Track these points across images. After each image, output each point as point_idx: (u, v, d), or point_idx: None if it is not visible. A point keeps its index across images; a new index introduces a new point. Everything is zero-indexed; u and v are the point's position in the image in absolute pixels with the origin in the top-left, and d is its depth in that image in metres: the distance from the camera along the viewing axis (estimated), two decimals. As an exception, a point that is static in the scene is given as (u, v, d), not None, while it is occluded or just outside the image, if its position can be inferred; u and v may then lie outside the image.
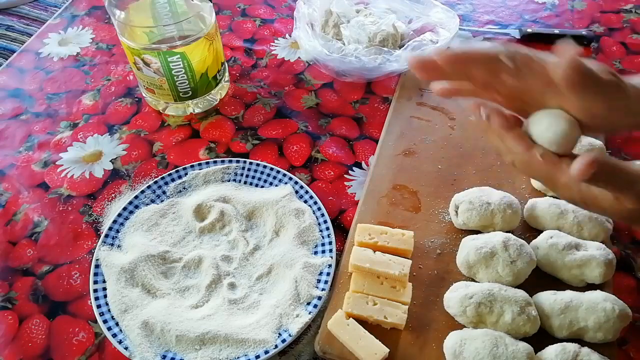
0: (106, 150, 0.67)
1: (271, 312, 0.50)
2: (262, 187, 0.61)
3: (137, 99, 0.74)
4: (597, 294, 0.49)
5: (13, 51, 1.26)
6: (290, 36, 0.83)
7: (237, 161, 0.63)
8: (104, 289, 0.52)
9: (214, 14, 0.66)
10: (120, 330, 0.49)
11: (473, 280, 0.52)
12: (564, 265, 0.51)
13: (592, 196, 0.36)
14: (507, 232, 0.53)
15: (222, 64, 0.71)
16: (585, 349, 0.45)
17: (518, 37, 0.82)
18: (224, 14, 0.87)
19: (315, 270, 0.53)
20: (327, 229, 0.57)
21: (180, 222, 0.58)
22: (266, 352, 0.48)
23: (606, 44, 0.81)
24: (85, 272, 0.55)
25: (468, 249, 0.52)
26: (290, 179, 0.61)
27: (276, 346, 0.48)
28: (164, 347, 0.48)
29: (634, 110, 0.37)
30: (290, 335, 0.49)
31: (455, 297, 0.49)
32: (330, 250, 0.55)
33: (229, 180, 0.62)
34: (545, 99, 0.37)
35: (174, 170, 0.62)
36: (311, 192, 0.60)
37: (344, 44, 0.73)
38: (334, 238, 0.56)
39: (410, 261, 0.52)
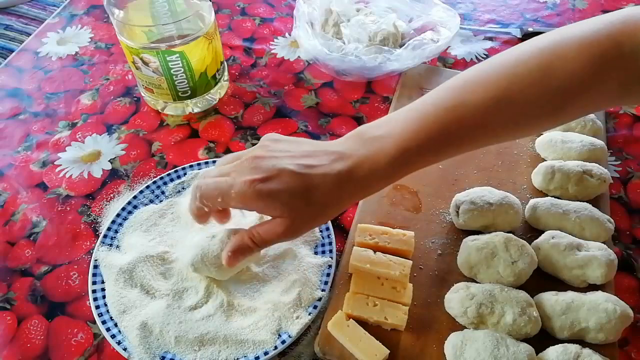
0: (105, 150, 0.67)
1: (270, 313, 0.50)
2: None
3: (135, 99, 0.73)
4: (599, 295, 0.48)
5: (12, 50, 1.25)
6: (290, 35, 0.83)
7: (237, 161, 0.63)
8: (103, 289, 0.52)
9: (213, 13, 0.65)
10: (119, 331, 0.49)
11: (474, 280, 0.52)
12: (566, 266, 0.51)
13: None
14: (508, 232, 0.53)
15: (222, 63, 0.70)
16: (587, 350, 0.45)
17: (519, 36, 0.81)
18: (223, 12, 0.87)
19: (316, 271, 0.53)
20: (327, 229, 0.56)
21: (179, 222, 0.58)
22: (266, 353, 0.47)
23: (607, 43, 0.81)
24: (84, 272, 0.55)
25: (469, 249, 0.52)
26: (290, 178, 0.61)
27: (276, 347, 0.48)
28: (162, 348, 0.48)
29: None
30: (290, 336, 0.48)
31: (456, 298, 0.49)
32: (331, 251, 0.54)
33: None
34: None
35: (172, 170, 0.62)
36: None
37: (344, 43, 0.72)
38: (334, 238, 0.55)
39: (410, 262, 0.51)
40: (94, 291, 0.51)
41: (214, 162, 0.62)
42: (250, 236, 0.44)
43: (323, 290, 0.51)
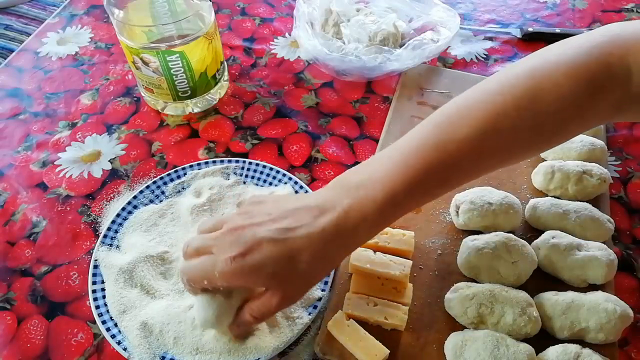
0: (105, 150, 0.67)
1: (271, 313, 0.50)
2: (262, 187, 0.61)
3: (135, 99, 0.73)
4: (599, 295, 0.48)
5: (12, 50, 1.25)
6: (290, 35, 0.83)
7: (237, 161, 0.63)
8: (103, 289, 0.52)
9: (213, 12, 0.65)
10: (119, 331, 0.49)
11: (474, 280, 0.52)
12: (566, 266, 0.51)
13: None
14: (508, 232, 0.53)
15: (222, 63, 0.70)
16: (587, 350, 0.45)
17: (519, 36, 0.81)
18: (223, 12, 0.87)
19: (315, 270, 0.53)
20: (327, 229, 0.56)
21: (179, 222, 0.58)
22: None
23: (607, 43, 0.80)
24: (84, 272, 0.55)
25: (469, 249, 0.52)
26: (290, 179, 0.61)
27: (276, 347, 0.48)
28: (162, 348, 0.48)
29: None
30: (290, 336, 0.48)
31: (456, 298, 0.49)
32: (330, 251, 0.54)
33: (228, 180, 0.61)
34: None
35: (172, 170, 0.62)
36: (311, 192, 0.59)
37: (344, 43, 0.72)
38: (334, 238, 0.55)
39: (410, 262, 0.51)
40: (94, 291, 0.51)
41: (214, 162, 0.63)
42: (249, 312, 0.43)
43: (323, 290, 0.51)
